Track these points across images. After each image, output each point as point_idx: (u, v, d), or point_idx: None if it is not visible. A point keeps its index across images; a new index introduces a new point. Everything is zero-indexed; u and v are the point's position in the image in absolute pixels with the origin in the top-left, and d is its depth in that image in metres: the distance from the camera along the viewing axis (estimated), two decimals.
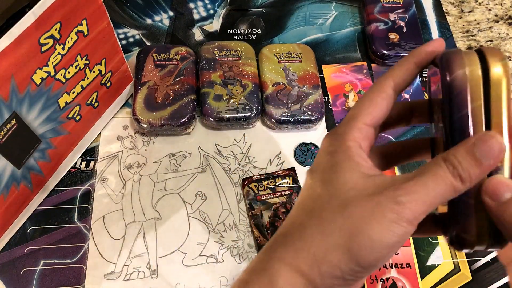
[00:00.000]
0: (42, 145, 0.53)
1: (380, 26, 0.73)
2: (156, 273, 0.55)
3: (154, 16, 0.75)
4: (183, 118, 0.61)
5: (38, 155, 0.53)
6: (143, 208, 0.59)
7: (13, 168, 0.50)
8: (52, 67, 0.49)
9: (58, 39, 0.48)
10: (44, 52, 0.47)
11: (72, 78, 0.53)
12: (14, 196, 0.52)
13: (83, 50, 0.52)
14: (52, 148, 0.55)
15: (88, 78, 0.55)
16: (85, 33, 0.51)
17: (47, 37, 0.46)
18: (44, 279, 0.54)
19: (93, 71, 0.56)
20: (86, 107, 0.58)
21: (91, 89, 0.57)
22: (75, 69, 0.52)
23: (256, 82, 0.65)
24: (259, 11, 0.77)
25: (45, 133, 0.53)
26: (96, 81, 0.57)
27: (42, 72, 0.48)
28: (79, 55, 0.52)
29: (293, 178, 0.61)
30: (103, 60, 0.56)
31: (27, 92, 0.47)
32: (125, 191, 0.60)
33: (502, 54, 0.27)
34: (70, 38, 0.49)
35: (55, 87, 0.51)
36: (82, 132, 0.60)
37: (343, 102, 0.69)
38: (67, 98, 0.54)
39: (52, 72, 0.49)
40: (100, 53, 0.55)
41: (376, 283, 0.57)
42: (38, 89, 0.48)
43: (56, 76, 0.50)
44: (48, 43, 0.47)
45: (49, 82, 0.50)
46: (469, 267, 0.59)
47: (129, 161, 0.62)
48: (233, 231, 0.58)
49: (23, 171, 0.52)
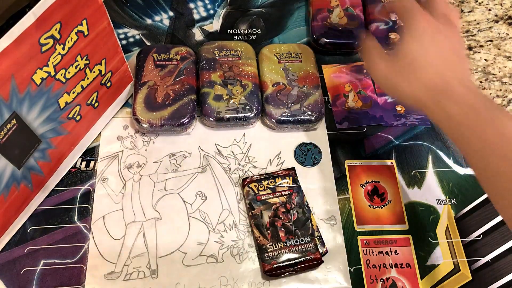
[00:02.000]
0: (42, 145, 0.53)
1: (381, 26, 0.73)
2: (156, 273, 0.55)
3: (154, 16, 0.75)
4: (183, 118, 0.61)
5: (38, 155, 0.53)
6: (143, 208, 0.59)
7: (13, 168, 0.50)
8: (53, 67, 0.49)
9: (58, 39, 0.48)
10: (44, 52, 0.47)
11: (72, 78, 0.53)
12: (14, 196, 0.52)
13: (83, 50, 0.52)
14: (52, 148, 0.55)
15: (88, 78, 0.55)
16: (85, 33, 0.51)
17: (47, 37, 0.46)
18: (44, 279, 0.54)
19: (93, 71, 0.56)
20: (86, 107, 0.58)
21: (91, 89, 0.57)
22: (75, 69, 0.52)
23: (256, 82, 0.65)
24: (259, 11, 0.77)
25: (45, 133, 0.53)
26: (96, 81, 0.57)
27: (43, 72, 0.48)
28: (79, 55, 0.52)
29: (293, 178, 0.61)
30: (103, 60, 0.56)
31: (27, 92, 0.47)
32: (125, 191, 0.60)
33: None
34: (70, 38, 0.49)
35: (56, 87, 0.51)
36: (82, 132, 0.60)
37: (343, 102, 0.69)
38: (67, 98, 0.54)
39: (52, 72, 0.49)
40: (100, 53, 0.55)
41: (376, 283, 0.57)
42: (38, 89, 0.48)
43: (56, 76, 0.50)
44: (49, 43, 0.47)
45: (49, 82, 0.50)
46: (469, 267, 0.59)
47: (129, 161, 0.62)
48: (233, 231, 0.58)
49: (24, 171, 0.52)
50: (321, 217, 0.60)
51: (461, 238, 0.61)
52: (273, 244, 0.56)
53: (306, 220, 0.58)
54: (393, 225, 0.61)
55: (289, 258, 0.55)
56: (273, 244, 0.56)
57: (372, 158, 0.65)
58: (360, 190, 0.63)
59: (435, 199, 0.63)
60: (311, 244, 0.56)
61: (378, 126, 0.68)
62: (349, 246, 0.59)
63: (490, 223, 0.62)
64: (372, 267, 0.58)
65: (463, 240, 0.61)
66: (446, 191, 0.63)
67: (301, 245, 0.56)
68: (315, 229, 0.58)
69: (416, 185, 0.64)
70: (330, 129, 0.67)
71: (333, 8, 0.74)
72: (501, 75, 0.75)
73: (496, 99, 0.73)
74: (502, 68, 0.76)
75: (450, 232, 0.61)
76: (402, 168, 0.65)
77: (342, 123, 0.67)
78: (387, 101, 0.70)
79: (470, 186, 0.64)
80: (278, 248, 0.56)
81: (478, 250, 0.60)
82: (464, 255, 0.60)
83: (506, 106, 0.72)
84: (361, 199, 0.62)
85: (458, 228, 0.61)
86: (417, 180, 0.64)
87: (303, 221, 0.58)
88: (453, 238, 0.60)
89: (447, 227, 0.61)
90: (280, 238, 0.56)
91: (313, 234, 0.57)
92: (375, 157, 0.65)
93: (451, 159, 0.66)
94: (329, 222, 0.60)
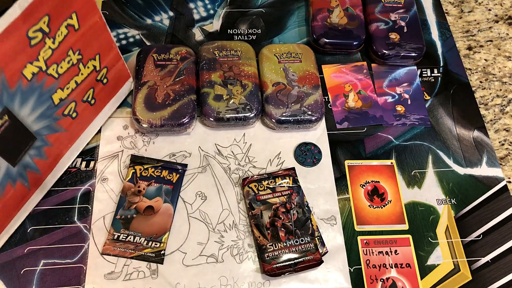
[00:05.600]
0: (37, 142, 0.53)
1: (381, 26, 0.73)
2: (156, 273, 0.55)
3: (154, 16, 0.75)
4: (183, 118, 0.61)
5: (34, 152, 0.53)
6: None
7: (7, 165, 0.50)
8: (43, 61, 0.48)
9: (48, 32, 0.47)
10: (33, 46, 0.46)
11: (65, 73, 0.52)
12: (10, 194, 0.52)
13: (75, 44, 0.52)
14: (48, 146, 0.55)
15: (82, 74, 0.55)
16: (76, 27, 0.50)
17: (36, 31, 0.46)
18: (44, 279, 0.54)
19: (87, 66, 0.55)
20: (83, 104, 0.58)
21: (86, 85, 0.57)
22: (68, 64, 0.52)
23: (256, 82, 0.65)
24: (259, 11, 0.77)
25: (41, 130, 0.53)
26: (91, 77, 0.57)
27: (33, 66, 0.47)
28: (71, 50, 0.51)
29: (293, 178, 0.61)
30: (97, 56, 0.56)
31: (19, 87, 0.47)
32: None
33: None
34: (60, 32, 0.49)
35: (48, 82, 0.50)
36: (79, 130, 0.60)
37: (343, 102, 0.69)
38: (62, 94, 0.53)
39: (44, 67, 0.49)
40: (93, 48, 0.55)
41: (376, 283, 0.57)
42: (29, 84, 0.48)
43: (48, 71, 0.50)
44: (37, 37, 0.46)
45: (40, 77, 0.49)
46: (469, 267, 0.59)
47: (129, 161, 0.62)
48: (233, 231, 0.58)
49: (19, 169, 0.52)
50: (321, 217, 0.60)
51: (461, 238, 0.61)
52: (273, 244, 0.56)
53: (306, 220, 0.58)
54: (393, 225, 0.61)
55: (289, 258, 0.55)
56: (273, 244, 0.56)
57: (372, 158, 0.65)
58: (360, 190, 0.63)
59: (435, 199, 0.63)
60: (311, 244, 0.56)
61: (378, 126, 0.68)
62: (349, 246, 0.59)
63: (490, 223, 0.62)
64: (372, 267, 0.58)
65: (463, 240, 0.61)
66: (446, 191, 0.64)
67: (301, 245, 0.56)
68: (315, 229, 0.58)
69: (416, 185, 0.64)
70: (330, 129, 0.67)
71: (333, 8, 0.74)
72: (501, 75, 0.75)
73: (496, 99, 0.73)
74: (502, 68, 0.76)
75: (450, 232, 0.61)
76: (402, 168, 0.65)
77: (342, 123, 0.67)
78: (387, 101, 0.70)
79: (470, 186, 0.64)
80: (278, 248, 0.56)
81: (478, 250, 0.60)
82: (464, 255, 0.60)
83: (506, 106, 0.72)
84: (361, 199, 0.62)
85: (458, 228, 0.61)
86: (417, 180, 0.64)
87: (303, 221, 0.58)
88: (453, 238, 0.60)
89: (447, 227, 0.61)
90: (280, 238, 0.56)
91: (313, 234, 0.57)
92: (375, 157, 0.65)
93: (451, 159, 0.66)
94: (329, 222, 0.60)
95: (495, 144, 0.68)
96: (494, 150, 0.68)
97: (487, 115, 0.71)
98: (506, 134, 0.69)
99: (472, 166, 0.66)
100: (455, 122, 0.69)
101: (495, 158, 0.67)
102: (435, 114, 0.70)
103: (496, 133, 0.69)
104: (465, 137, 0.68)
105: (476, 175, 0.65)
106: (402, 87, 0.71)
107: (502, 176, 0.65)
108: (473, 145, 0.68)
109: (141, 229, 0.57)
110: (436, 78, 0.73)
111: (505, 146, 0.68)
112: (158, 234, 0.57)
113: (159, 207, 0.58)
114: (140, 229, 0.56)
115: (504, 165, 0.67)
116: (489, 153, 0.67)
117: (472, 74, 0.75)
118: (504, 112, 0.72)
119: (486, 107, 0.72)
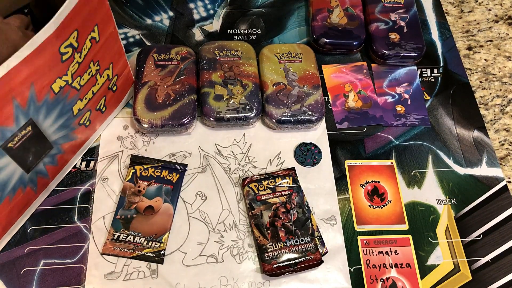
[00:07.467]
0: (53, 150, 0.53)
1: (381, 26, 0.73)
2: (156, 273, 0.55)
3: (154, 16, 0.75)
4: (184, 118, 0.61)
5: (47, 160, 0.54)
6: None
7: (22, 172, 0.50)
8: (70, 75, 0.49)
9: (76, 47, 0.47)
10: (64, 62, 0.47)
11: (85, 84, 0.53)
12: (19, 198, 0.52)
13: (96, 56, 0.52)
14: (61, 153, 0.55)
15: (98, 83, 0.55)
16: (97, 39, 0.51)
17: (67, 46, 0.46)
18: (44, 279, 0.54)
19: (103, 76, 0.55)
20: (95, 112, 0.58)
21: (101, 94, 0.57)
22: (88, 75, 0.52)
23: (257, 82, 0.65)
24: (259, 11, 0.77)
25: (58, 139, 0.53)
26: (104, 86, 0.57)
27: (61, 81, 0.48)
28: (92, 62, 0.52)
29: (293, 178, 0.61)
30: (111, 65, 0.56)
31: (45, 100, 0.47)
32: None
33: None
34: (86, 45, 0.49)
35: (71, 94, 0.51)
36: (87, 136, 0.60)
37: (343, 102, 0.69)
38: (80, 105, 0.54)
39: (70, 80, 0.49)
40: (108, 57, 0.55)
41: (376, 283, 0.57)
42: (55, 98, 0.48)
43: (73, 84, 0.50)
44: (68, 52, 0.46)
45: (66, 90, 0.49)
46: (469, 267, 0.59)
47: (129, 161, 0.62)
48: (233, 231, 0.58)
49: (31, 175, 0.52)
50: (321, 217, 0.60)
51: (461, 238, 0.61)
52: (273, 244, 0.56)
53: (306, 220, 0.58)
54: (393, 225, 0.61)
55: (289, 258, 0.55)
56: (273, 244, 0.56)
57: (372, 158, 0.65)
58: (360, 190, 0.63)
59: (435, 199, 0.63)
60: (311, 244, 0.56)
61: (378, 126, 0.68)
62: (349, 246, 0.59)
63: (490, 223, 0.62)
64: (372, 267, 0.58)
65: (463, 240, 0.61)
66: (446, 191, 0.64)
67: (301, 245, 0.56)
68: (315, 229, 0.58)
69: (416, 185, 0.64)
70: (330, 129, 0.67)
71: (333, 8, 0.74)
72: (501, 75, 0.75)
73: (496, 99, 0.73)
74: (502, 68, 0.76)
75: (450, 232, 0.61)
76: (402, 168, 0.65)
77: (342, 123, 0.67)
78: (387, 101, 0.70)
79: (470, 186, 0.64)
80: (278, 248, 0.56)
81: (478, 250, 0.60)
82: (464, 255, 0.60)
83: (506, 106, 0.72)
84: (361, 199, 0.62)
85: (458, 228, 0.61)
86: (417, 180, 0.64)
87: (303, 221, 0.58)
88: (453, 238, 0.60)
89: (447, 227, 0.61)
90: (280, 238, 0.56)
91: (313, 234, 0.57)
92: (375, 157, 0.65)
93: (451, 159, 0.66)
94: (329, 222, 0.60)
95: (495, 144, 0.68)
96: (494, 150, 0.68)
97: (487, 115, 0.71)
98: (506, 134, 0.69)
99: (472, 166, 0.66)
100: (455, 122, 0.69)
101: (495, 158, 0.67)
102: (435, 114, 0.70)
103: (496, 133, 0.69)
104: (465, 137, 0.68)
105: (476, 175, 0.65)
106: (402, 87, 0.71)
107: (502, 176, 0.65)
108: (473, 145, 0.68)
109: (141, 229, 0.57)
110: (436, 78, 0.73)
111: (505, 146, 0.68)
112: (158, 234, 0.57)
113: (159, 207, 0.58)
114: (140, 229, 0.56)
115: (504, 165, 0.67)
116: (489, 153, 0.67)
117: (472, 74, 0.75)
118: (504, 112, 0.72)
119: (486, 107, 0.72)
